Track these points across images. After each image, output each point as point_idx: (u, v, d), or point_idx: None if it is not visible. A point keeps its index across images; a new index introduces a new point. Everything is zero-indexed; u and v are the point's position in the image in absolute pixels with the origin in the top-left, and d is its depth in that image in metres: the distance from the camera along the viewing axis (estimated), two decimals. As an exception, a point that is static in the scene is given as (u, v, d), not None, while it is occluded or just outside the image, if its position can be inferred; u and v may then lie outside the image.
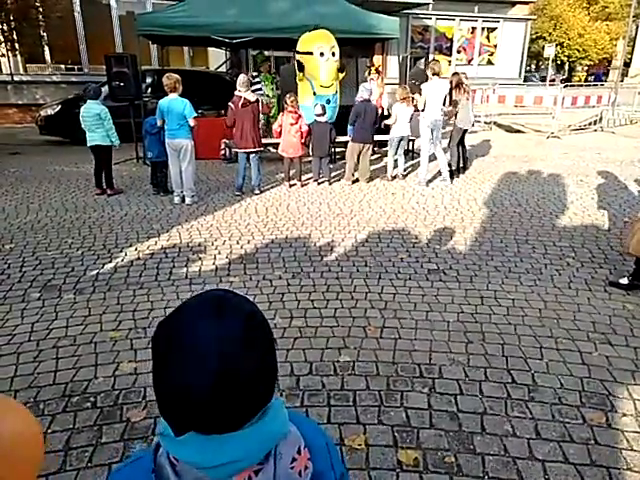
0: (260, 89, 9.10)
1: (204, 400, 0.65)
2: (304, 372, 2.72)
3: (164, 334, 0.71)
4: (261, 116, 7.55)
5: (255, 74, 9.61)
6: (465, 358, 2.86)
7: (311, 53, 7.26)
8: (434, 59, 7.34)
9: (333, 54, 7.30)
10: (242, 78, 6.34)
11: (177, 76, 5.86)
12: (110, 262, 4.27)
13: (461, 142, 7.69)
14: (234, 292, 0.75)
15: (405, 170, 7.60)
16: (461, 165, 7.77)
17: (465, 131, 7.52)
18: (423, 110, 6.75)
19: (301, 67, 7.37)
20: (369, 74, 9.26)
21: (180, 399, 0.67)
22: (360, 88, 7.28)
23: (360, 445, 2.19)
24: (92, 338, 3.07)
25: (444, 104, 6.72)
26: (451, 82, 6.98)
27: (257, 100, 6.38)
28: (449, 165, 7.21)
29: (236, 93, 6.26)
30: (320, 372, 2.72)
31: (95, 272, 4.06)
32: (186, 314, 0.71)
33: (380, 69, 8.80)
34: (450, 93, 6.86)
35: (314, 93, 7.35)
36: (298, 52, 7.50)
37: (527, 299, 3.60)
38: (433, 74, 6.67)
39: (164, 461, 0.72)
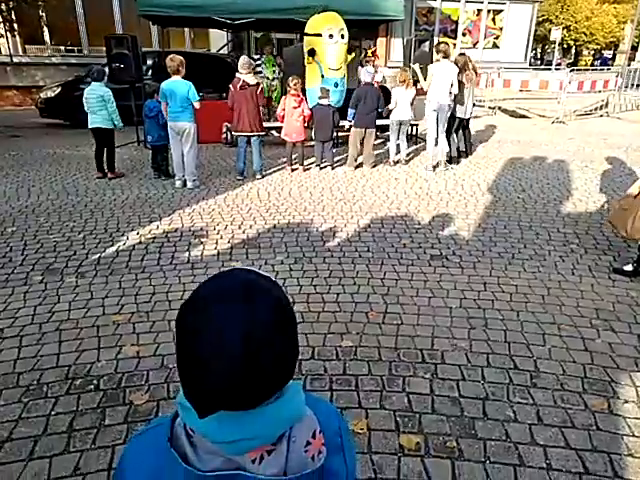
0: (261, 72, 9.00)
1: (227, 383, 0.65)
2: (306, 357, 2.72)
3: (190, 317, 0.69)
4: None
5: (257, 56, 9.49)
6: (467, 344, 2.86)
7: (320, 35, 7.15)
8: (443, 41, 7.13)
9: (342, 36, 7.21)
10: (243, 60, 6.25)
11: (180, 58, 5.77)
12: (112, 246, 4.26)
13: (465, 127, 7.59)
14: (262, 274, 0.74)
15: (408, 155, 7.54)
16: (462, 150, 7.64)
17: (462, 120, 7.27)
18: (427, 92, 6.63)
19: (312, 52, 7.25)
20: (364, 57, 9.13)
21: (199, 383, 0.67)
22: (362, 72, 7.16)
23: (362, 429, 2.20)
24: (94, 321, 3.07)
25: (452, 87, 6.54)
26: (456, 63, 6.78)
27: (258, 84, 6.28)
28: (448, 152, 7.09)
29: (237, 75, 6.17)
30: (322, 357, 2.73)
31: (97, 256, 4.06)
32: (214, 297, 0.70)
33: (376, 52, 8.65)
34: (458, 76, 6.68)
35: (322, 76, 7.27)
36: (307, 34, 7.39)
37: (530, 285, 3.59)
38: (442, 56, 6.51)
39: (180, 431, 0.73)
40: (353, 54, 7.60)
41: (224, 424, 0.68)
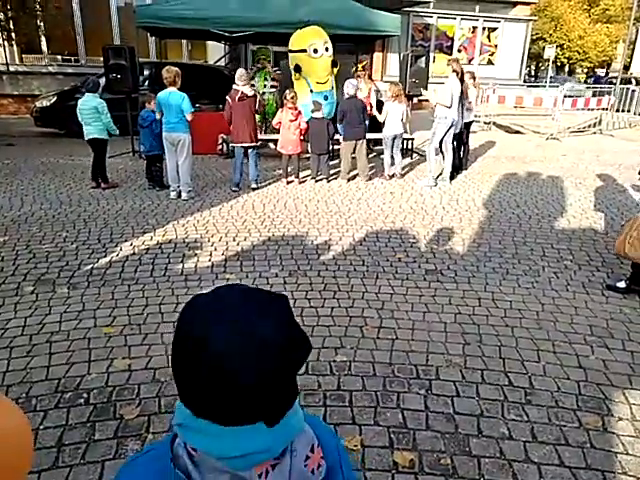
0: (253, 85, 9.04)
1: (233, 398, 0.65)
2: (300, 371, 2.69)
3: (195, 332, 0.67)
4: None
5: (251, 68, 9.53)
6: (462, 360, 2.85)
7: (305, 51, 7.24)
8: (455, 59, 7.13)
9: (327, 49, 7.29)
10: (240, 72, 6.30)
11: (177, 69, 5.81)
12: (105, 257, 4.23)
13: (465, 143, 7.64)
14: (268, 291, 0.74)
15: (403, 169, 7.58)
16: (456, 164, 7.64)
17: (457, 133, 7.20)
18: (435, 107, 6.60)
19: (298, 68, 7.34)
20: (355, 71, 9.19)
21: (206, 396, 0.66)
22: (345, 84, 7.03)
23: (356, 446, 2.18)
24: (86, 333, 3.03)
25: (461, 101, 6.54)
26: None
27: (255, 95, 6.34)
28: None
29: (234, 87, 6.21)
30: (316, 371, 2.70)
31: (89, 266, 4.02)
32: (213, 300, 0.70)
33: (366, 66, 8.70)
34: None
35: (311, 91, 7.32)
36: (291, 51, 7.47)
37: (524, 301, 3.59)
38: (453, 72, 6.48)
39: (182, 451, 0.72)
40: (338, 66, 7.66)
41: (227, 439, 0.67)
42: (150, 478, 0.72)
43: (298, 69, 7.36)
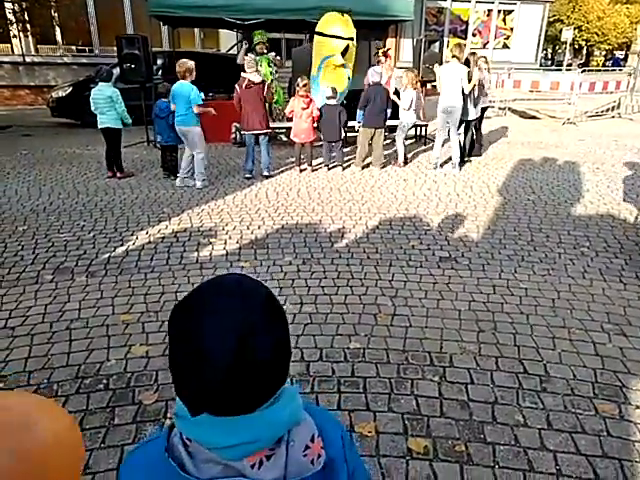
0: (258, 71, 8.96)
1: (218, 383, 0.66)
2: (314, 358, 2.72)
3: (181, 315, 0.71)
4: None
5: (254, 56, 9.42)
6: (476, 347, 2.84)
7: (352, 39, 7.16)
8: (457, 43, 7.04)
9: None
10: (248, 59, 6.29)
11: (189, 64, 5.75)
12: (122, 245, 4.29)
13: (477, 129, 7.52)
14: (250, 276, 0.76)
15: (415, 156, 7.50)
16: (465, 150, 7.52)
17: (465, 122, 7.07)
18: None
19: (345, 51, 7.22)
20: (376, 55, 9.08)
21: (194, 381, 0.68)
22: (369, 72, 7.09)
23: (370, 432, 2.20)
24: (104, 321, 3.09)
25: (463, 88, 6.44)
26: (467, 63, 6.65)
27: (263, 81, 6.31)
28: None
29: (242, 74, 6.20)
30: (330, 358, 2.73)
31: (107, 255, 4.08)
32: (203, 296, 0.72)
33: (388, 52, 8.58)
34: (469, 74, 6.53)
35: (349, 78, 7.33)
36: (342, 38, 7.32)
37: (540, 288, 3.56)
38: (453, 57, 6.44)
39: (177, 441, 0.73)
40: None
41: (220, 430, 0.69)
42: (147, 471, 0.74)
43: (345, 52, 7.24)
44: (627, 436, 2.20)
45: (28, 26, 11.15)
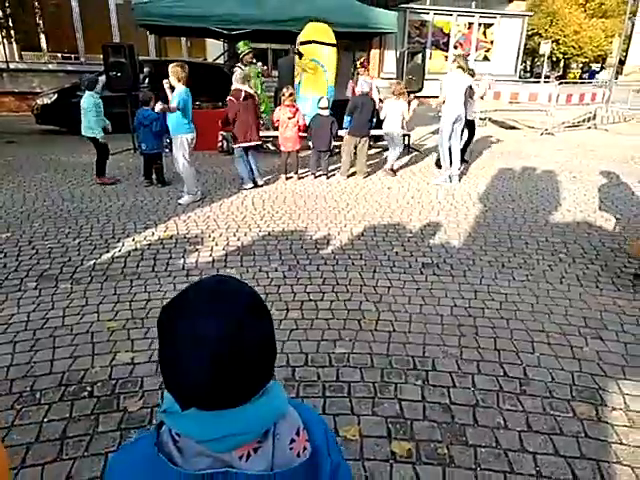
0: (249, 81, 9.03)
1: (206, 380, 0.69)
2: (300, 363, 2.75)
3: (167, 317, 0.74)
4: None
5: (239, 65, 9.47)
6: (458, 351, 2.90)
7: (334, 45, 7.29)
8: (460, 54, 7.20)
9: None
10: (240, 72, 6.32)
11: (174, 78, 5.55)
12: (107, 252, 4.27)
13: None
14: (235, 277, 0.79)
15: (400, 166, 7.61)
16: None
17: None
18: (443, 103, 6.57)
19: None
20: (355, 69, 9.14)
21: (181, 380, 0.71)
22: (359, 81, 7.24)
23: (354, 436, 2.23)
24: (89, 328, 3.08)
25: (466, 97, 6.50)
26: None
27: (256, 93, 6.36)
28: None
29: (237, 87, 6.17)
30: (316, 363, 2.75)
31: (92, 262, 4.06)
32: (188, 297, 0.75)
33: (365, 63, 8.68)
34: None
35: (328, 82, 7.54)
36: (326, 44, 7.45)
37: (520, 294, 3.65)
38: (458, 67, 6.42)
39: (167, 437, 0.76)
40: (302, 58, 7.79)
41: (207, 422, 0.71)
42: (138, 464, 0.76)
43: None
44: (604, 437, 2.26)
45: (12, 33, 11.05)
